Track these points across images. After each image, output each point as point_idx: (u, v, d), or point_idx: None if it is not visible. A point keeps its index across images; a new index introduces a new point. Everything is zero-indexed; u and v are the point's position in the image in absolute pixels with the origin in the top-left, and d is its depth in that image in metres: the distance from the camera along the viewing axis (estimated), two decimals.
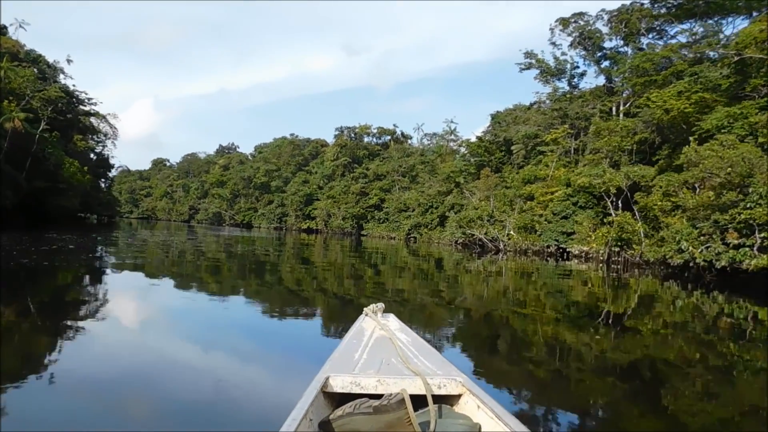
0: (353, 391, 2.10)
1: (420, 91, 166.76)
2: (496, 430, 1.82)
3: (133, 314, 6.84)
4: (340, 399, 2.11)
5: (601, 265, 21.09)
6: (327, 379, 2.12)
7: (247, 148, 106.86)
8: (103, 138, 55.28)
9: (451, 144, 62.49)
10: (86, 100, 42.73)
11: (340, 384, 2.12)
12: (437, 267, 19.85)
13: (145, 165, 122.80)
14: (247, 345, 5.43)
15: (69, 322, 5.82)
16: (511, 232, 31.32)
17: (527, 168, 39.12)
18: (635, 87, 29.95)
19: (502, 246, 30.90)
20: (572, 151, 37.78)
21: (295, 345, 5.56)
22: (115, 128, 55.99)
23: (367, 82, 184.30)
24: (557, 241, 29.63)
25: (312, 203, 67.67)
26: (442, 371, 2.28)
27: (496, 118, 53.76)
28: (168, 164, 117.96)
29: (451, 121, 63.25)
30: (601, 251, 21.66)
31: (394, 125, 68.74)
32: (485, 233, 31.69)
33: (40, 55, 37.65)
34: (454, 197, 44.82)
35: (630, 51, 37.70)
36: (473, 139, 53.47)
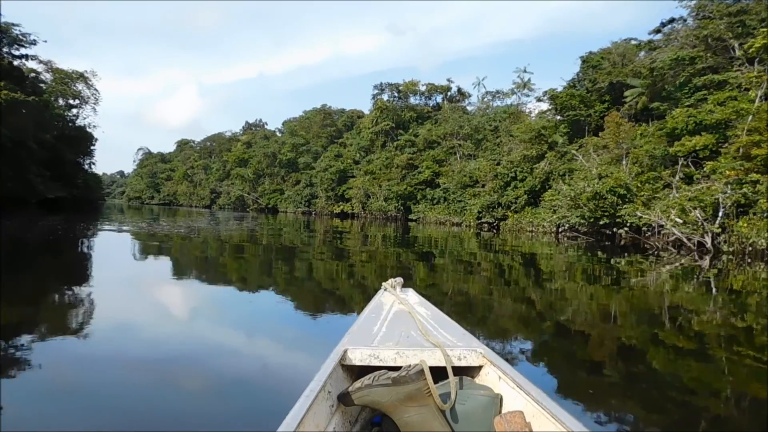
0: (372, 364, 2.03)
1: (465, 70, 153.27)
2: (517, 401, 1.78)
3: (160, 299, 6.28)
4: (359, 372, 2.06)
5: None
6: (345, 351, 2.04)
7: (277, 126, 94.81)
8: (80, 102, 43.66)
9: (526, 100, 47.72)
10: (21, 37, 30.36)
11: (358, 357, 2.05)
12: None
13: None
14: (274, 331, 4.93)
15: None
16: (689, 215, 16.66)
17: (677, 112, 24.24)
18: None
19: (709, 243, 15.97)
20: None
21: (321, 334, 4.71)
22: (95, 89, 44.22)
23: (410, 63, 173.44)
24: None
25: (346, 181, 54.21)
26: (462, 343, 2.21)
27: (588, 61, 38.96)
28: (192, 145, 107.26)
29: (524, 71, 48.02)
30: None
31: (449, 80, 53.82)
32: (677, 222, 16.93)
33: None
34: (550, 163, 30.52)
35: None
36: (559, 90, 38.81)
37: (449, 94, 53.87)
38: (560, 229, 26.38)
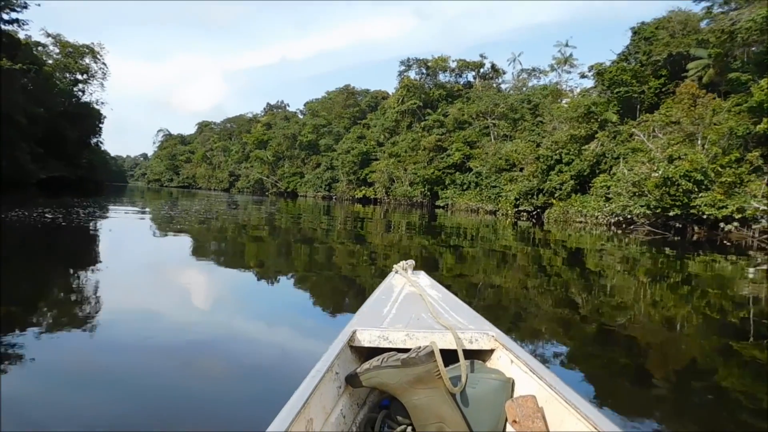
0: (381, 345, 1.93)
1: (494, 54, 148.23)
2: (529, 385, 1.71)
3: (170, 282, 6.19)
4: (367, 353, 1.96)
5: None
6: (354, 332, 1.94)
7: (299, 108, 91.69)
8: (87, 77, 41.05)
9: (567, 77, 43.41)
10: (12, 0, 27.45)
11: (367, 338, 1.95)
12: None
13: None
14: (288, 315, 4.83)
15: None
16: None
17: (765, 82, 20.09)
18: None
19: None
20: None
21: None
22: (104, 63, 41.50)
23: (436, 48, 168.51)
24: None
25: (369, 164, 50.75)
26: (474, 326, 2.07)
27: (640, 32, 34.56)
28: (213, 126, 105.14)
29: (566, 45, 43.62)
30: None
31: (482, 56, 49.59)
32: None
33: None
34: (602, 144, 26.56)
35: None
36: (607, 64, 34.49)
37: (482, 71, 49.72)
38: (617, 221, 22.56)
